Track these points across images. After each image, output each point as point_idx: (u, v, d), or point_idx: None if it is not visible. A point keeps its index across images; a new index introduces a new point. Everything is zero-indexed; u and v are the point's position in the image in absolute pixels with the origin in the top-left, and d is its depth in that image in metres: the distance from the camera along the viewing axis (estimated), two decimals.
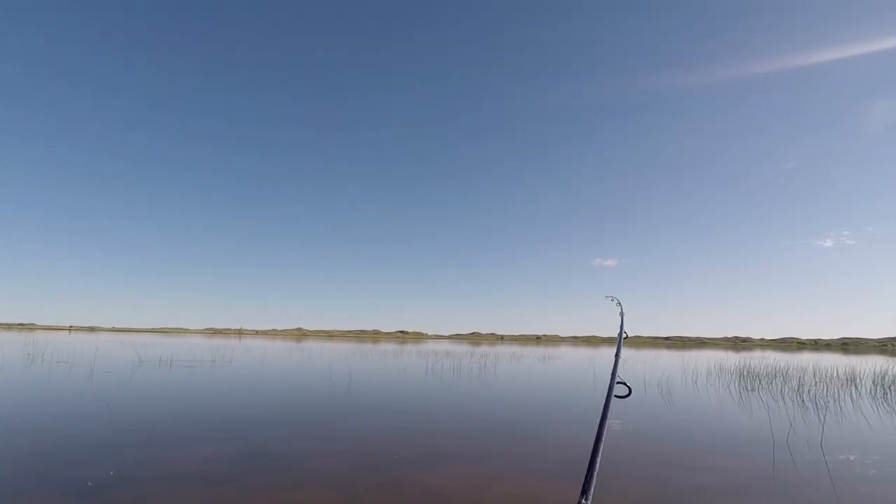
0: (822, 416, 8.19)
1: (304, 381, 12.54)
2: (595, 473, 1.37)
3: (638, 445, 5.70)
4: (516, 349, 47.63)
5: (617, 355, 2.30)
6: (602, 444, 1.54)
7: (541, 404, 9.42)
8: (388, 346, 47.30)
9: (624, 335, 2.53)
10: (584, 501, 1.24)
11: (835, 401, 10.43)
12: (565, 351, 46.40)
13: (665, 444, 5.91)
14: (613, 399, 1.90)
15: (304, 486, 3.92)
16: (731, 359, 29.13)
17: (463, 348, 46.31)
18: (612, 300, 3.13)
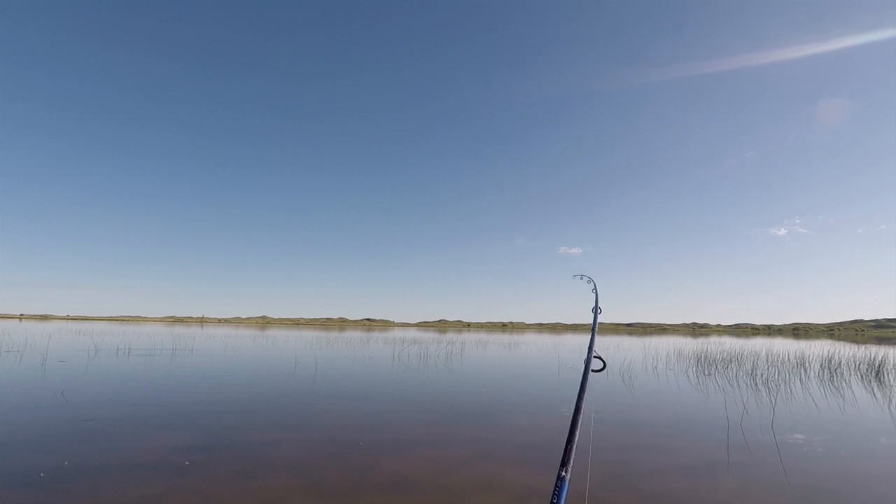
0: (773, 399, 8.60)
1: (269, 369, 12.34)
2: (574, 446, 1.41)
3: (600, 430, 5.86)
4: (482, 336, 48.11)
5: (594, 330, 2.42)
6: (581, 416, 1.59)
7: (506, 390, 9.55)
8: (354, 334, 47.01)
9: (599, 311, 2.61)
10: (563, 473, 1.27)
11: (786, 384, 10.97)
12: (530, 338, 47.16)
13: (626, 428, 6.09)
14: (590, 374, 1.99)
15: (269, 474, 3.87)
16: (690, 344, 30.22)
17: (430, 335, 46.45)
18: (583, 278, 3.19)
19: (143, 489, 3.44)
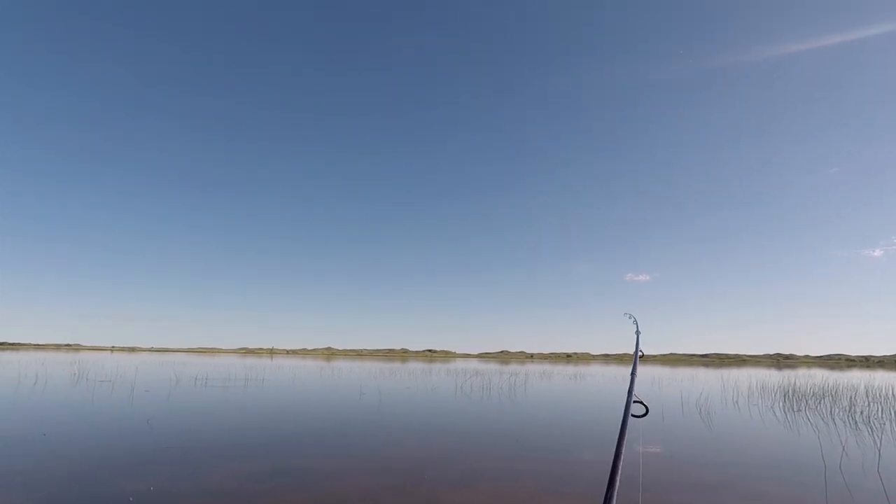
0: (878, 440, 7.74)
1: (335, 399, 12.60)
2: (615, 491, 1.35)
3: (677, 468, 5.50)
4: (546, 367, 46.84)
5: (633, 374, 2.26)
6: (620, 463, 1.52)
7: (572, 424, 9.21)
8: (416, 365, 47.18)
9: (640, 353, 2.47)
10: None
11: (891, 422, 9.86)
12: (596, 369, 45.37)
13: (706, 468, 5.68)
14: (637, 420, 1.86)
15: None
16: (774, 377, 27.96)
17: (492, 367, 45.81)
18: (629, 318, 3.05)
19: None
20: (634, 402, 1.99)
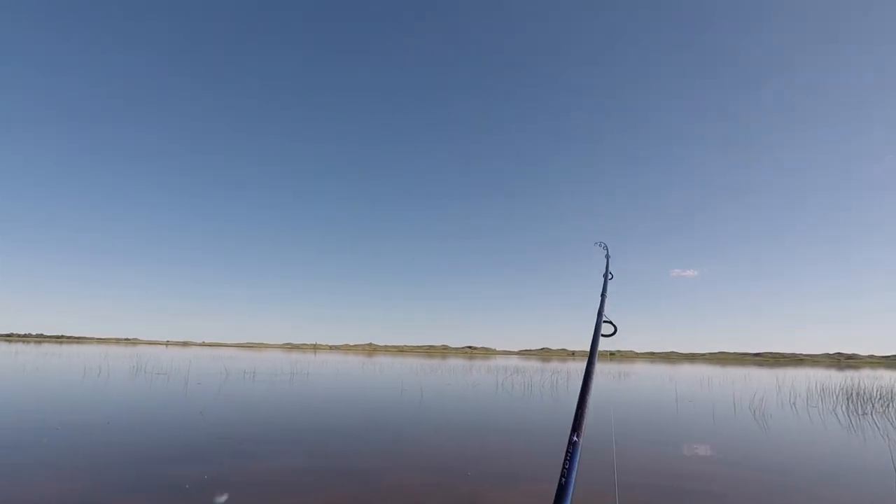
0: None
1: (377, 395, 12.77)
2: (585, 412, 1.44)
3: (730, 474, 5.28)
4: None
5: (603, 295, 2.34)
6: (592, 382, 1.64)
7: (617, 422, 8.98)
8: (456, 362, 47.28)
9: (610, 276, 2.58)
10: (575, 438, 1.27)
11: None
12: (641, 368, 44.17)
13: (763, 474, 5.41)
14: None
15: (379, 501, 3.96)
16: (835, 378, 26.47)
17: (533, 364, 45.36)
18: (599, 245, 3.06)
19: None
20: (605, 321, 2.05)
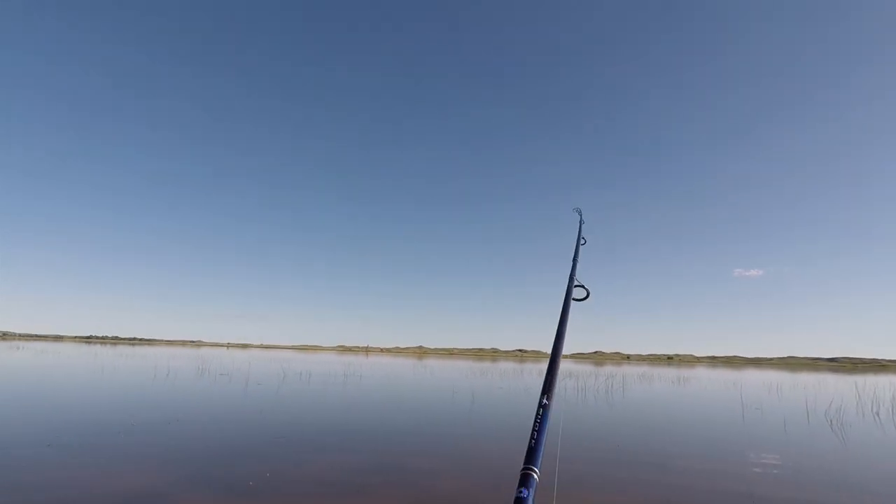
0: None
1: (428, 398, 12.85)
2: (556, 375, 1.46)
3: (801, 485, 4.94)
4: (645, 370, 44.43)
5: (575, 259, 2.33)
6: (561, 347, 1.64)
7: (678, 430, 8.62)
8: (507, 365, 46.90)
9: (583, 241, 2.55)
10: (546, 401, 1.33)
11: None
12: (702, 373, 42.26)
13: (842, 493, 5.04)
14: (572, 310, 1.89)
15: (435, 502, 3.97)
16: None
17: (586, 368, 44.36)
18: (575, 211, 2.99)
19: None
20: (576, 286, 1.99)
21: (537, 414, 1.35)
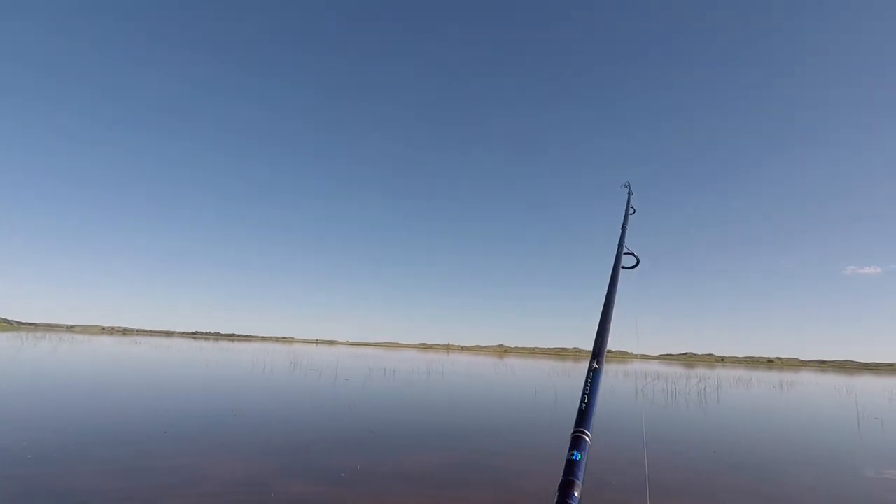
0: None
1: (511, 397, 12.79)
2: (606, 339, 1.52)
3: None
4: (741, 373, 41.23)
5: (624, 226, 2.33)
6: (612, 312, 1.65)
7: (783, 438, 7.92)
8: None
9: (632, 210, 2.54)
10: (596, 365, 1.40)
11: None
12: (808, 377, 38.55)
13: None
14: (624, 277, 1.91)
15: (522, 501, 3.95)
16: None
17: (675, 370, 41.97)
18: (624, 185, 2.85)
19: (420, 499, 3.88)
20: (625, 253, 2.05)
21: (587, 378, 1.42)
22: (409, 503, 3.80)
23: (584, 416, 1.30)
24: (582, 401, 1.34)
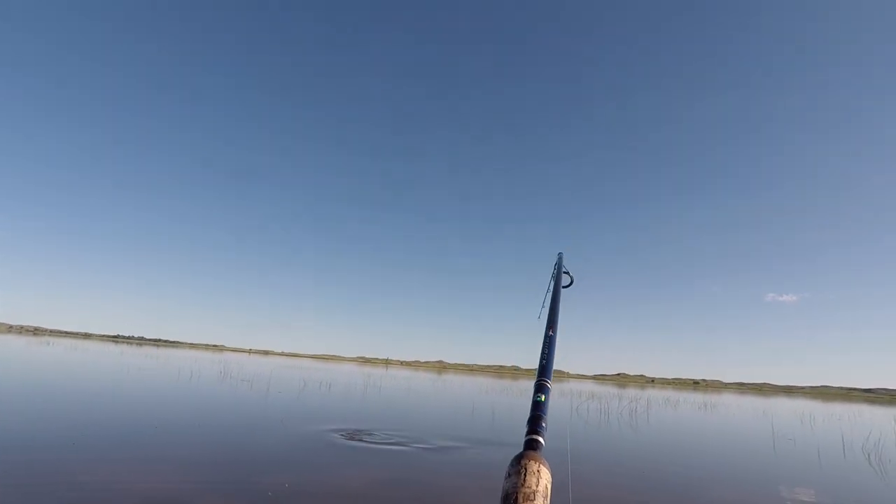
0: None
1: (447, 414, 12.74)
2: (552, 364, 1.60)
3: None
4: (670, 394, 43.22)
5: (560, 254, 2.43)
6: (556, 336, 1.74)
7: (706, 458, 8.33)
8: (527, 383, 46.22)
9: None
10: (550, 333, 1.64)
11: None
12: (730, 399, 40.92)
13: None
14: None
15: None
16: None
17: (608, 390, 43.43)
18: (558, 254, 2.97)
19: None
20: (564, 272, 2.23)
21: (544, 342, 1.64)
22: None
23: (544, 368, 1.54)
24: (542, 358, 1.59)
